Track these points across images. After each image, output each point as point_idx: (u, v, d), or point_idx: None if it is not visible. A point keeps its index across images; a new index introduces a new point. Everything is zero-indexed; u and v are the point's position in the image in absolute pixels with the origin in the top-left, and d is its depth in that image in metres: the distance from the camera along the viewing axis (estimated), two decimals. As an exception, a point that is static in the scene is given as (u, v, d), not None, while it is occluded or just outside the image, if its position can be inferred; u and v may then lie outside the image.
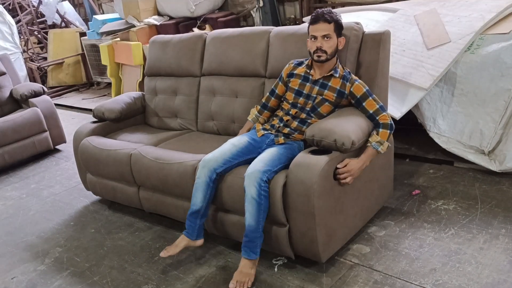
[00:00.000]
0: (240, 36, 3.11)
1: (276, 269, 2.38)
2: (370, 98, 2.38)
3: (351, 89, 2.40)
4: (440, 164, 3.25)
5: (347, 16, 3.89)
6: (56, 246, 2.91)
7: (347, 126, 2.25)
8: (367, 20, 3.71)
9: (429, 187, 2.98)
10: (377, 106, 2.37)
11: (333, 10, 2.41)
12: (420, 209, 2.75)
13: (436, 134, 3.20)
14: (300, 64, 2.57)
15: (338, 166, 2.24)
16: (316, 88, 2.46)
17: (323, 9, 2.41)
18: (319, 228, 2.19)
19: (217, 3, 5.80)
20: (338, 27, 2.38)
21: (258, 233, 2.25)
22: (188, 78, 3.40)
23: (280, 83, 2.64)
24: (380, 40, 2.54)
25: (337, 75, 2.43)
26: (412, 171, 3.22)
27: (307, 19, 4.44)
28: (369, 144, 2.33)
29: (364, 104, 2.39)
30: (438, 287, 2.11)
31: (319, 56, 2.38)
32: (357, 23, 2.60)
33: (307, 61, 2.54)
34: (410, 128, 3.64)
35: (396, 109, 3.10)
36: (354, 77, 2.44)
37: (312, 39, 2.38)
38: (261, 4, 5.29)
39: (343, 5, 4.75)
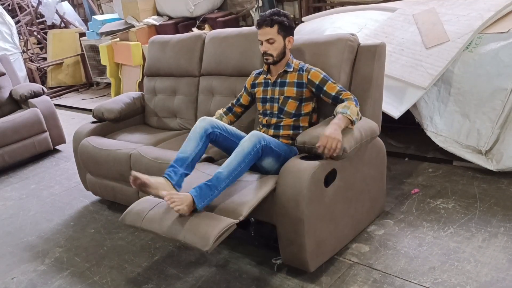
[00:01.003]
0: (238, 36, 3.12)
1: (275, 269, 2.39)
2: (329, 81, 2.41)
3: (309, 77, 2.43)
4: (439, 163, 3.26)
5: (346, 16, 3.90)
6: (56, 246, 2.92)
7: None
8: (366, 19, 3.71)
9: (428, 186, 2.98)
10: (338, 88, 2.39)
11: (282, 11, 2.44)
12: (419, 208, 2.75)
13: (433, 133, 3.21)
14: (260, 73, 2.65)
15: (317, 145, 2.18)
16: (277, 89, 2.51)
17: (268, 12, 2.44)
18: (308, 235, 2.15)
19: (216, 3, 5.80)
20: (283, 28, 2.41)
21: (220, 187, 2.14)
22: (187, 78, 3.41)
23: (244, 93, 2.74)
24: (375, 52, 2.54)
25: (291, 69, 2.48)
26: (411, 170, 3.22)
27: (306, 18, 4.47)
28: (335, 113, 2.30)
29: (325, 88, 2.40)
30: (437, 285, 2.11)
31: (266, 59, 2.47)
32: (353, 34, 2.61)
33: (264, 67, 2.61)
34: (408, 127, 3.65)
35: (394, 108, 3.11)
36: (309, 66, 2.47)
37: (260, 43, 2.46)
38: (260, 4, 5.29)
39: (342, 4, 4.75)
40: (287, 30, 2.43)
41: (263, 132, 2.55)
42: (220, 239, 2.00)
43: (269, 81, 2.56)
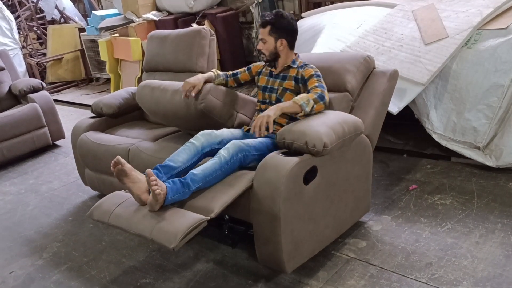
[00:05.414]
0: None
1: (273, 264, 2.39)
2: (314, 77, 2.41)
3: (302, 73, 2.46)
4: (437, 159, 3.26)
5: (346, 12, 3.89)
6: (54, 241, 2.93)
7: (319, 128, 2.15)
8: (365, 15, 3.71)
9: (426, 182, 2.99)
10: (316, 84, 2.38)
11: (282, 13, 2.46)
12: (417, 204, 2.76)
13: (430, 130, 3.21)
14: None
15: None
16: (278, 80, 2.57)
17: (269, 12, 2.49)
18: (285, 234, 2.07)
19: (216, -2, 5.80)
20: (275, 30, 2.45)
21: (192, 188, 2.12)
22: (186, 74, 3.40)
23: (246, 71, 2.76)
24: (388, 74, 2.64)
25: (295, 66, 2.52)
26: (409, 166, 3.23)
27: (306, 14, 4.46)
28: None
29: (307, 82, 2.42)
30: (434, 281, 2.12)
31: (262, 57, 2.57)
32: (370, 57, 2.69)
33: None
34: (407, 123, 3.65)
35: (393, 104, 3.10)
36: (309, 64, 2.50)
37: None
38: (260, -1, 5.29)
39: (341, 0, 4.74)
40: (279, 32, 2.45)
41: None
42: (188, 236, 1.93)
43: (273, 72, 2.61)
